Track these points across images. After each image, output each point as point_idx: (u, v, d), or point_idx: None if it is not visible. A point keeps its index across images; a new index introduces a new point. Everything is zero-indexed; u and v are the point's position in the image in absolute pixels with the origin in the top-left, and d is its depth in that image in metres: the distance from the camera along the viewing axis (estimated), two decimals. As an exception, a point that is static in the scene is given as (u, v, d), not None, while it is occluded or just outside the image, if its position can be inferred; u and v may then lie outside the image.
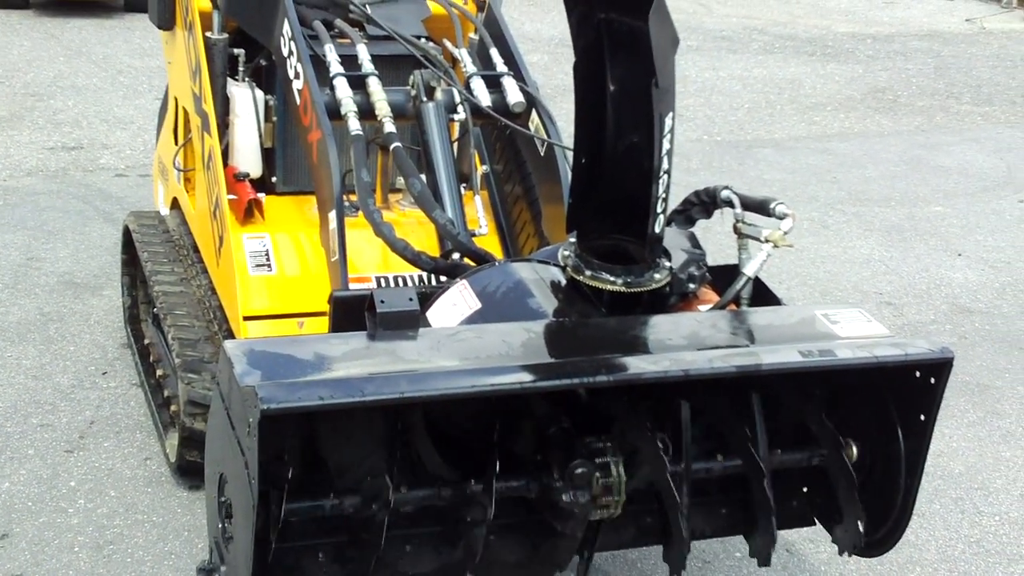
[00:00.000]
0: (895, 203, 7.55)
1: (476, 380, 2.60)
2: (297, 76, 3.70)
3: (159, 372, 4.36)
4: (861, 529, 3.02)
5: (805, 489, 3.24)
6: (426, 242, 3.68)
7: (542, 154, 3.80)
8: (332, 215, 3.45)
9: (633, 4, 2.67)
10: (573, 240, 3.09)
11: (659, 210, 2.93)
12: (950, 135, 9.45)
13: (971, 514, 4.14)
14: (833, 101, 10.33)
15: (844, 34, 13.55)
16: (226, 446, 2.67)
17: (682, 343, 2.87)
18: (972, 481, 4.35)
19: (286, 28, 3.77)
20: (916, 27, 14.33)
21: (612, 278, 2.97)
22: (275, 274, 3.92)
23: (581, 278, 3.00)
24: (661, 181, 2.90)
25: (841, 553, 3.16)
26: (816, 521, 3.26)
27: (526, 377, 2.63)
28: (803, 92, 10.60)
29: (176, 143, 4.73)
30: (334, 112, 3.60)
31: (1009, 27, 14.52)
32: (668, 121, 2.83)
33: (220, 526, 2.79)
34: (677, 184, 3.00)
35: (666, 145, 2.85)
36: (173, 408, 4.07)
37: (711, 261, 3.28)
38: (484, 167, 4.25)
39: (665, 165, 2.88)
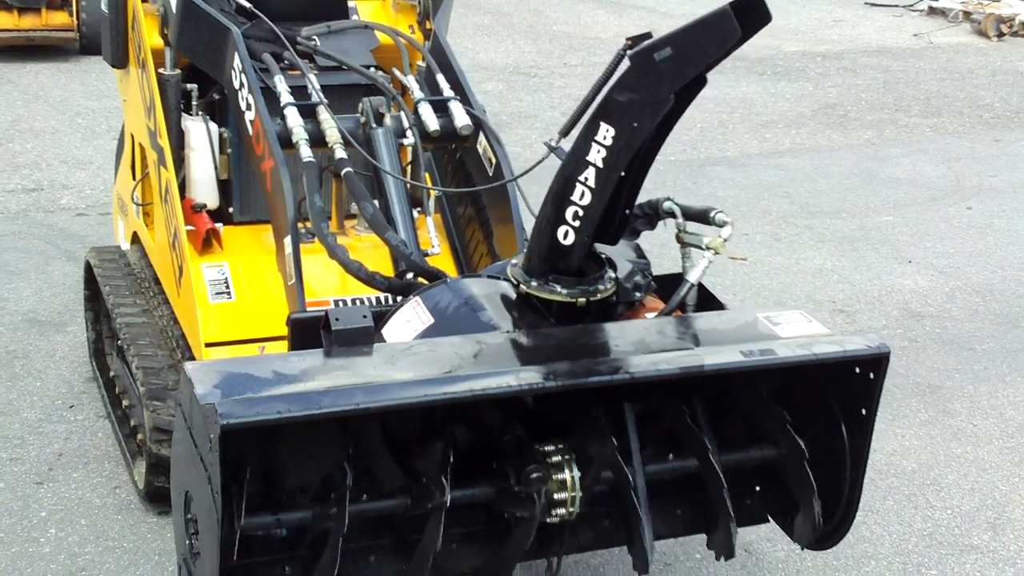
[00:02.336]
0: (846, 214, 7.70)
1: (429, 390, 2.70)
2: (249, 107, 3.80)
3: (125, 403, 4.44)
4: (818, 517, 3.13)
5: (758, 488, 3.36)
6: (381, 265, 3.76)
7: (491, 175, 3.90)
8: (287, 240, 3.54)
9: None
10: (521, 255, 3.20)
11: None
12: (899, 147, 9.62)
13: (923, 508, 4.26)
14: (784, 118, 10.49)
15: (794, 53, 13.73)
16: (190, 464, 2.75)
17: (629, 349, 2.98)
18: (924, 477, 4.47)
19: (236, 62, 3.87)
20: (865, 44, 14.53)
21: (559, 289, 3.08)
22: (235, 301, 4.02)
23: (529, 290, 3.10)
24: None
25: (801, 545, 3.27)
26: (770, 518, 3.37)
27: (477, 385, 2.73)
28: (755, 111, 10.75)
29: (134, 179, 4.82)
30: (286, 141, 3.69)
31: (956, 40, 14.73)
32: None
33: (187, 543, 2.88)
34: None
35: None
36: (140, 437, 4.15)
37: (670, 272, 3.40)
38: (435, 191, 4.36)
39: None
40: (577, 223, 2.98)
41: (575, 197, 2.94)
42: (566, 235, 3.00)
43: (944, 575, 3.92)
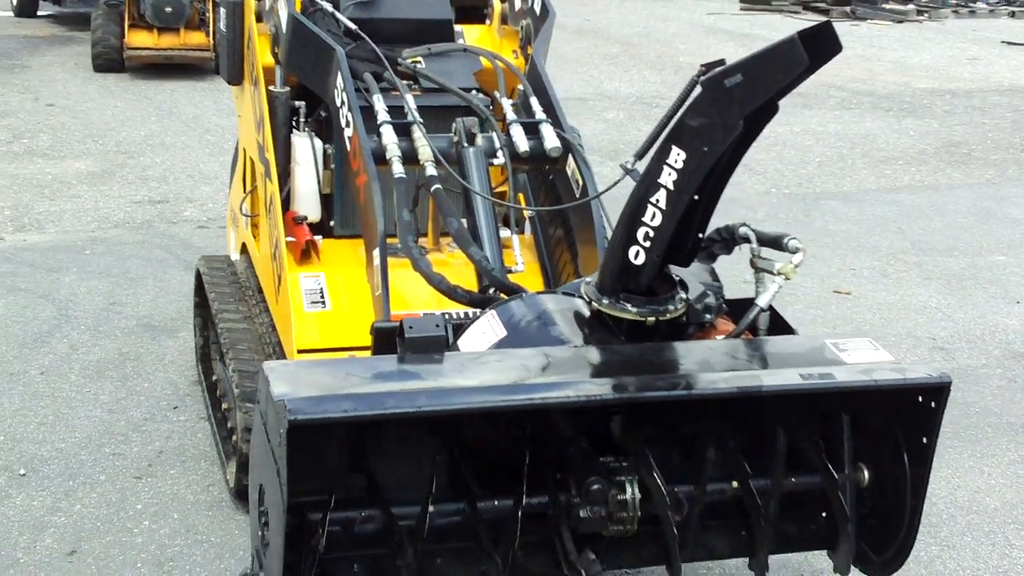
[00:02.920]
0: (958, 253, 7.64)
1: (490, 397, 2.80)
2: (348, 124, 3.96)
3: (224, 406, 4.63)
4: (852, 550, 3.18)
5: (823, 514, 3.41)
6: (471, 281, 3.89)
7: (577, 196, 4.01)
8: (376, 252, 3.69)
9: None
10: (596, 274, 3.30)
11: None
12: (1021, 188, 9.51)
13: (1001, 546, 4.25)
14: (905, 155, 10.43)
15: (923, 90, 13.63)
16: (264, 459, 2.89)
17: (693, 368, 3.05)
18: (1007, 516, 4.45)
19: (339, 80, 4.03)
20: (997, 82, 14.36)
21: (629, 307, 3.16)
22: (329, 310, 4.17)
23: (600, 308, 3.20)
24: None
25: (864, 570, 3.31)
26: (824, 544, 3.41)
27: (537, 395, 2.83)
28: (876, 146, 10.71)
29: (244, 191, 5.02)
30: (380, 157, 3.84)
31: (1092, 82, 14.50)
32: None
33: (259, 534, 3.01)
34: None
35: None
36: (233, 439, 4.32)
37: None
38: (530, 212, 4.48)
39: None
40: (648, 244, 3.06)
41: (646, 218, 3.02)
42: (637, 255, 3.09)
43: (1018, 612, 3.92)
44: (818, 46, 2.83)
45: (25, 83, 11.40)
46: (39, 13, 15.15)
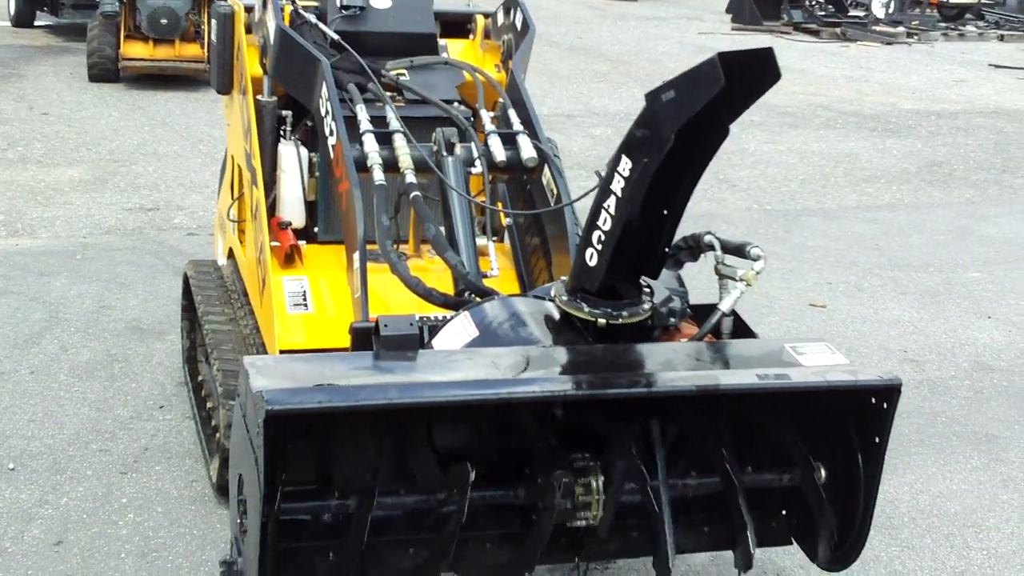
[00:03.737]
0: (933, 269, 7.80)
1: (458, 391, 2.95)
2: (331, 133, 4.11)
3: (209, 405, 4.76)
4: (834, 539, 3.33)
5: (783, 511, 3.55)
6: (449, 286, 4.02)
7: (552, 205, 4.15)
8: (356, 256, 3.83)
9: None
10: (565, 277, 3.45)
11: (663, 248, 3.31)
12: (1000, 207, 9.69)
13: (959, 548, 4.39)
14: (888, 174, 10.60)
15: (909, 111, 13.81)
16: (243, 449, 3.03)
17: (655, 367, 3.20)
18: (966, 520, 4.59)
19: (323, 90, 4.18)
20: (983, 104, 14.55)
21: (597, 311, 3.30)
22: (311, 312, 4.30)
23: (569, 310, 3.34)
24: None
25: (820, 567, 3.45)
26: (794, 541, 3.56)
27: (504, 390, 2.97)
28: (859, 165, 10.88)
29: (232, 198, 5.16)
30: (362, 165, 3.99)
31: (1077, 105, 14.70)
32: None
33: (238, 522, 3.15)
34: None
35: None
36: (217, 436, 4.45)
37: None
38: (508, 220, 4.63)
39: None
40: (599, 246, 3.20)
41: (599, 222, 3.17)
42: (591, 257, 3.23)
43: (973, 612, 4.06)
44: (758, 71, 2.95)
45: (20, 92, 11.53)
46: (36, 23, 15.28)
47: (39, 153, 9.38)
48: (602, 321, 3.25)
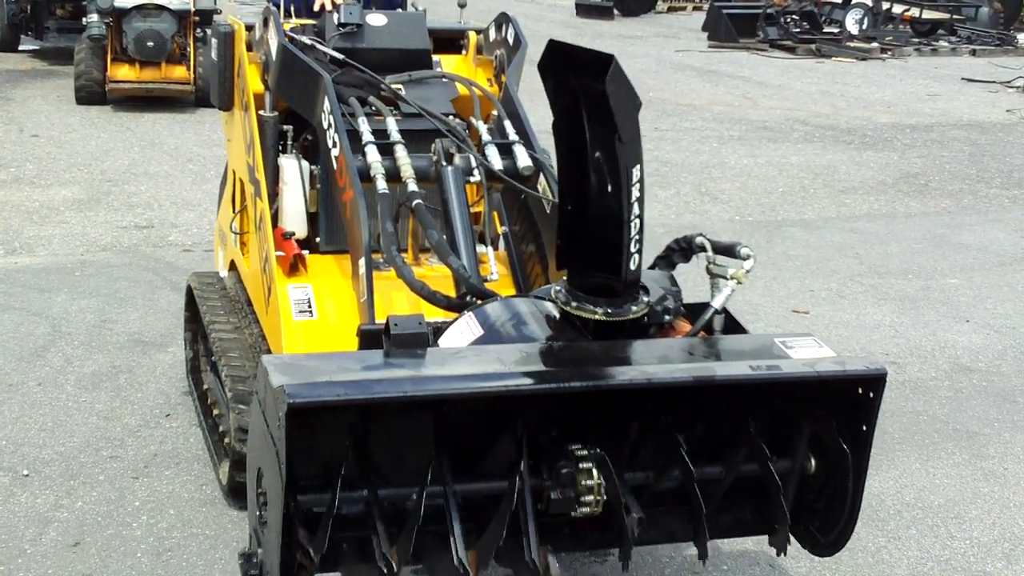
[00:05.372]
0: (912, 276, 8.00)
1: (467, 384, 3.10)
2: (334, 145, 4.27)
3: (215, 412, 4.91)
4: (787, 533, 3.48)
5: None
6: (450, 291, 4.18)
7: (548, 213, 4.32)
8: (361, 261, 3.99)
9: (595, 71, 3.21)
10: (564, 278, 3.61)
11: (632, 250, 3.44)
12: (975, 216, 9.90)
13: (943, 538, 4.56)
14: (865, 185, 10.81)
15: (884, 124, 14.04)
16: (262, 443, 3.18)
17: (652, 360, 3.36)
18: (949, 512, 4.77)
19: (326, 104, 4.34)
20: (956, 117, 14.81)
21: (595, 308, 3.47)
22: (316, 319, 4.45)
23: (569, 309, 3.50)
24: (632, 225, 3.40)
25: (811, 551, 3.61)
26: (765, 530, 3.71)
27: (511, 383, 3.13)
28: (837, 177, 11.08)
29: (234, 211, 5.32)
30: (365, 175, 4.15)
31: (1049, 117, 14.96)
32: (635, 172, 3.34)
33: (257, 514, 3.30)
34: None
35: (635, 193, 3.36)
36: (226, 440, 4.60)
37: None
38: (503, 228, 4.79)
39: (636, 211, 3.38)
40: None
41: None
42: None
43: (957, 597, 4.23)
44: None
45: (9, 115, 11.66)
46: (20, 48, 15.40)
47: (31, 174, 9.52)
48: (599, 315, 3.41)
